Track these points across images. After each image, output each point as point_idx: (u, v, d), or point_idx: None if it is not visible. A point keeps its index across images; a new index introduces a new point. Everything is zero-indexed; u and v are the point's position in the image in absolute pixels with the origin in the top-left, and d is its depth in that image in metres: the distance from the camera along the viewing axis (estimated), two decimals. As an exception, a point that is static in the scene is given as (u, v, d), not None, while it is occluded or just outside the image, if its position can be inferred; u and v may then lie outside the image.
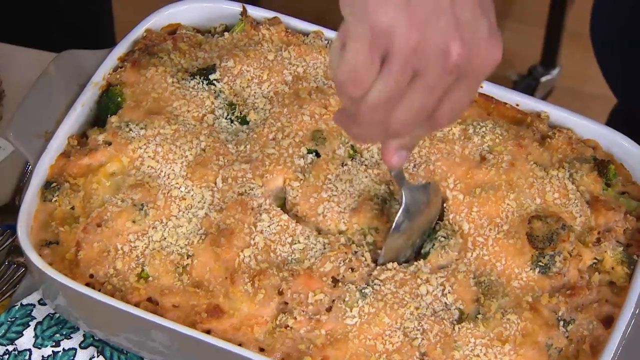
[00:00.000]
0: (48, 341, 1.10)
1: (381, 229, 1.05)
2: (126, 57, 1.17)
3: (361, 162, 1.09)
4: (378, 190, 1.07)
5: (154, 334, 1.02)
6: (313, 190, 1.07)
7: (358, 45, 0.80)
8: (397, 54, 0.80)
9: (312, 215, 1.06)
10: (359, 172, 1.08)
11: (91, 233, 1.05)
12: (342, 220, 1.05)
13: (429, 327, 1.00)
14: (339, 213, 1.06)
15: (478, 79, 0.85)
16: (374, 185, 1.07)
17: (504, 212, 1.07)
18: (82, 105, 1.14)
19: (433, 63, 0.81)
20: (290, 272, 1.03)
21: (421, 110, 0.84)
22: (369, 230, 1.05)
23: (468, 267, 1.04)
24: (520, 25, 2.51)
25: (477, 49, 0.82)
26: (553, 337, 1.01)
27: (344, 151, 1.10)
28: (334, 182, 1.07)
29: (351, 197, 1.06)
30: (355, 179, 1.07)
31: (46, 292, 1.08)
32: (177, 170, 1.09)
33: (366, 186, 1.07)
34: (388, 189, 1.07)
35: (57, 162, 1.11)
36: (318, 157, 1.09)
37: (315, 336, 1.01)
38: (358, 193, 1.07)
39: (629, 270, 1.05)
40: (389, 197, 1.07)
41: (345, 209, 1.06)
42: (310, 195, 1.06)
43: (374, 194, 1.07)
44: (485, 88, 1.17)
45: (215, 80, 1.15)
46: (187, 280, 1.04)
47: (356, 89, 0.82)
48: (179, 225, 1.06)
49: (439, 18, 0.80)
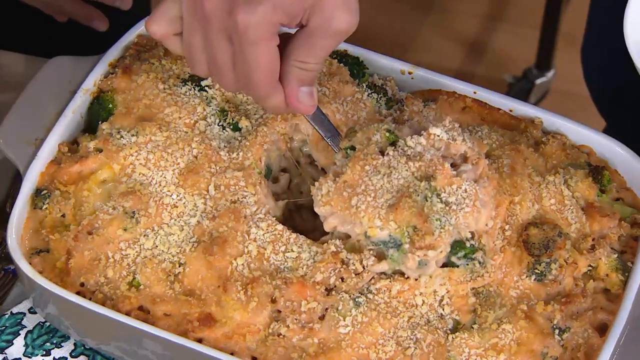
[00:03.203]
0: (38, 350, 1.09)
1: (421, 228, 0.99)
2: (117, 63, 1.16)
3: (403, 152, 1.02)
4: (418, 187, 1.00)
5: (146, 342, 1.01)
6: (348, 185, 1.01)
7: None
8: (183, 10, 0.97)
9: (345, 209, 1.01)
10: (400, 164, 1.01)
11: (82, 241, 1.05)
12: (377, 215, 1.00)
13: (422, 336, 1.00)
14: (374, 208, 1.00)
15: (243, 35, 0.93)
16: (414, 181, 1.01)
17: (510, 217, 1.06)
18: (72, 112, 1.13)
19: (191, 11, 0.95)
20: (283, 280, 1.02)
21: (212, 56, 0.96)
22: (407, 229, 0.99)
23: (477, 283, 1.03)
24: (514, 27, 2.51)
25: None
26: (548, 345, 1.00)
27: (381, 136, 1.04)
28: (371, 175, 1.01)
29: (389, 193, 1.00)
30: (395, 173, 1.01)
31: (37, 301, 1.07)
32: (168, 178, 1.08)
33: (405, 181, 1.01)
34: (429, 184, 1.00)
35: (48, 169, 1.10)
36: (353, 150, 1.04)
37: (308, 345, 1.00)
38: (396, 189, 1.01)
39: (623, 277, 1.05)
40: (430, 193, 1.00)
41: (382, 204, 1.00)
42: (344, 189, 1.01)
43: (413, 189, 1.00)
44: (478, 93, 1.17)
45: (207, 87, 1.14)
46: (179, 289, 1.03)
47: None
48: (171, 233, 1.05)
49: None
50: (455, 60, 2.44)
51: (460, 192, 1.00)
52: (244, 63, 0.94)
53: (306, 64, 0.96)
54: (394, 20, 2.48)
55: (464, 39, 2.48)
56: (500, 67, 2.44)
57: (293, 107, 0.99)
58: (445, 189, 1.00)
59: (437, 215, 0.99)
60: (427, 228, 0.98)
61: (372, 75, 1.18)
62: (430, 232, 0.98)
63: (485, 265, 1.03)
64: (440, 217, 0.99)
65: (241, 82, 0.97)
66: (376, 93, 1.15)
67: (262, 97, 0.97)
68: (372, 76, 1.18)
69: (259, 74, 0.95)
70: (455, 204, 0.99)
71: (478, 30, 2.50)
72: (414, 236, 0.98)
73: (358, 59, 1.19)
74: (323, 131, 1.06)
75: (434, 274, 1.02)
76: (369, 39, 1.24)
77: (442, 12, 2.53)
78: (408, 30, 2.48)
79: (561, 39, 2.34)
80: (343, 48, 1.19)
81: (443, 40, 2.47)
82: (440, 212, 0.99)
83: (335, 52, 1.19)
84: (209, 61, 0.97)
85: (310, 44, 0.95)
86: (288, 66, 0.96)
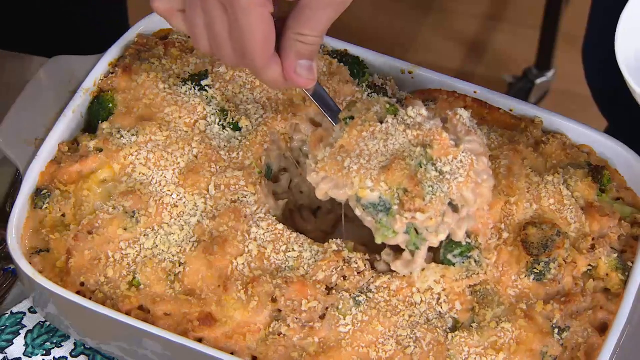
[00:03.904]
0: (39, 350, 1.09)
1: (411, 191, 0.98)
2: (117, 62, 1.16)
3: (403, 121, 1.02)
4: (414, 152, 1.00)
5: (146, 342, 1.01)
6: (344, 150, 1.01)
7: None
8: None
9: (337, 171, 1.00)
10: (398, 131, 1.01)
11: (82, 241, 1.05)
12: (369, 176, 0.99)
13: (422, 335, 1.00)
14: (367, 170, 0.99)
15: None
16: (410, 147, 1.00)
17: (506, 217, 1.06)
18: (72, 112, 1.13)
19: None
20: (284, 280, 1.02)
21: (211, 29, 0.96)
22: (398, 191, 0.99)
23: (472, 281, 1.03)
24: (515, 27, 2.51)
25: None
26: (548, 344, 1.00)
27: (381, 107, 1.03)
28: (367, 140, 1.01)
29: (383, 156, 1.00)
30: (391, 139, 1.01)
31: (37, 301, 1.08)
32: (169, 177, 1.08)
33: (401, 146, 1.00)
34: (425, 151, 1.00)
35: (48, 169, 1.10)
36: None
37: (309, 344, 1.00)
38: (391, 153, 1.00)
39: (623, 277, 1.05)
40: (425, 161, 0.99)
41: (375, 166, 0.99)
42: (339, 154, 1.01)
43: (408, 154, 1.00)
44: (479, 93, 1.17)
45: (207, 86, 1.14)
46: (179, 288, 1.03)
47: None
48: (171, 233, 1.05)
49: None
50: (455, 60, 2.44)
51: (455, 162, 0.99)
52: (238, 31, 0.94)
53: (304, 36, 0.96)
54: (394, 20, 2.48)
55: (464, 38, 2.48)
56: (501, 67, 2.44)
57: (291, 80, 0.98)
58: (441, 158, 0.99)
59: (430, 182, 0.98)
60: (418, 192, 0.97)
61: (372, 75, 1.18)
62: (421, 195, 0.97)
63: (481, 264, 1.03)
64: (433, 184, 0.98)
65: (238, 53, 0.96)
66: (376, 93, 1.15)
67: (259, 68, 0.97)
68: (372, 76, 1.18)
69: (253, 42, 0.94)
70: (449, 174, 0.99)
71: (478, 30, 2.50)
72: (404, 197, 0.97)
73: (358, 59, 1.19)
74: (324, 107, 1.05)
75: (427, 269, 1.02)
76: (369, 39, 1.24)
77: (442, 12, 2.53)
78: (408, 30, 2.48)
79: (561, 39, 2.34)
80: (343, 48, 1.20)
81: (443, 40, 2.47)
82: (433, 180, 0.98)
83: (335, 52, 1.19)
84: (209, 36, 0.97)
85: (307, 16, 0.95)
86: (287, 39, 0.96)
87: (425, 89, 1.18)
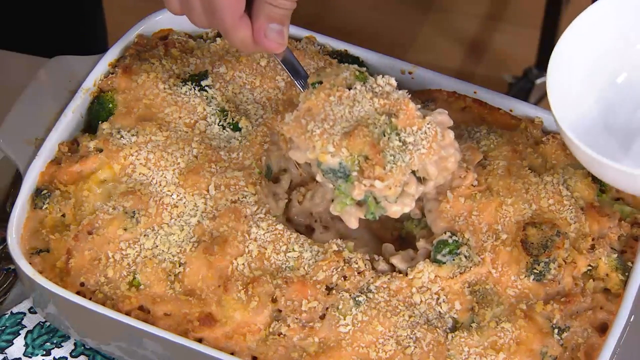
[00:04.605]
0: (39, 350, 1.09)
1: (372, 159, 0.98)
2: (117, 63, 1.17)
3: (371, 88, 1.02)
4: (378, 120, 0.99)
5: (146, 342, 1.01)
6: (309, 114, 1.00)
7: None
8: None
9: (300, 134, 0.99)
10: (365, 98, 1.00)
11: (82, 241, 1.05)
12: (331, 141, 0.98)
13: (421, 335, 1.00)
14: (330, 135, 0.99)
15: None
16: (375, 114, 1.00)
17: (502, 218, 1.06)
18: (73, 112, 1.13)
19: None
20: (284, 280, 1.02)
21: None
22: (358, 157, 0.98)
23: (466, 276, 1.03)
24: (515, 27, 2.51)
25: None
26: (548, 345, 1.00)
27: (350, 74, 1.03)
28: (334, 105, 1.00)
29: (347, 122, 0.99)
30: (357, 106, 1.00)
31: (37, 301, 1.08)
32: (169, 178, 1.08)
33: (366, 113, 1.00)
34: (389, 120, 0.99)
35: (48, 169, 1.10)
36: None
37: (309, 344, 1.00)
38: (356, 119, 1.00)
39: (623, 277, 1.05)
40: (389, 130, 0.99)
41: (338, 131, 0.99)
42: (303, 116, 1.00)
43: (372, 121, 0.99)
44: (479, 93, 1.17)
45: (207, 87, 1.14)
46: (179, 289, 1.03)
47: None
48: (171, 233, 1.05)
49: None
50: (455, 60, 2.44)
51: (419, 133, 0.99)
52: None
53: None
54: (394, 20, 2.48)
55: (464, 38, 2.48)
56: (501, 67, 2.44)
57: (261, 43, 0.98)
58: (405, 128, 0.98)
59: (392, 152, 0.98)
60: (379, 160, 0.97)
61: (372, 75, 1.18)
62: (382, 164, 0.97)
63: (471, 259, 1.03)
64: (395, 153, 0.98)
65: (208, 12, 0.97)
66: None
67: (228, 29, 0.97)
68: (372, 76, 1.18)
69: (222, 1, 0.95)
70: (412, 144, 0.98)
71: (478, 30, 2.50)
72: (364, 164, 0.97)
73: (358, 59, 1.19)
74: (293, 73, 1.05)
75: (421, 265, 1.02)
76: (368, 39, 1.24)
77: (442, 12, 2.53)
78: (408, 30, 2.48)
79: (561, 38, 2.34)
80: (343, 48, 1.20)
81: (443, 40, 2.47)
82: (395, 149, 0.98)
83: (335, 52, 1.19)
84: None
85: None
86: (258, 2, 0.97)
87: (425, 89, 1.18)
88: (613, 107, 1.06)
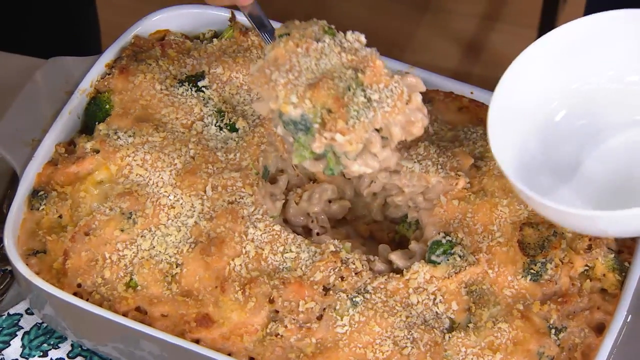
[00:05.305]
0: (35, 351, 1.09)
1: (335, 112, 0.96)
2: (114, 63, 1.16)
3: (340, 43, 1.01)
4: (344, 74, 0.97)
5: (143, 343, 1.01)
6: (274, 64, 0.98)
7: None
8: None
9: (264, 84, 0.97)
10: (332, 52, 0.99)
11: (79, 242, 1.05)
12: (295, 92, 0.96)
13: (418, 335, 1.00)
14: (294, 85, 0.97)
15: None
16: (342, 68, 0.98)
17: (497, 219, 1.06)
18: (69, 113, 1.13)
19: None
20: (281, 280, 1.02)
21: None
22: (321, 110, 0.96)
23: (462, 276, 1.03)
24: (511, 27, 2.51)
25: None
26: (545, 345, 1.00)
27: (319, 28, 1.02)
28: (300, 57, 0.98)
29: (312, 74, 0.98)
30: (324, 59, 0.98)
31: (33, 302, 1.07)
32: (165, 179, 1.08)
33: (333, 66, 0.98)
34: (355, 75, 0.97)
35: (45, 170, 1.10)
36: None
37: (306, 345, 1.00)
38: (322, 72, 0.98)
39: (620, 277, 1.05)
40: (355, 85, 0.97)
41: (302, 83, 0.97)
42: (268, 67, 0.98)
43: (338, 75, 0.97)
44: (475, 94, 1.17)
45: (204, 87, 1.14)
46: (176, 289, 1.03)
47: None
48: (168, 234, 1.05)
49: None
50: (452, 60, 2.44)
51: (385, 91, 0.97)
52: None
53: None
54: (391, 21, 2.48)
55: (461, 39, 2.48)
56: (497, 67, 2.43)
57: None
58: (371, 85, 0.97)
59: (356, 107, 0.96)
60: (342, 114, 0.96)
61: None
62: (345, 118, 0.95)
63: (466, 258, 1.03)
64: (359, 109, 0.96)
65: None
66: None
67: None
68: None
69: None
70: (377, 102, 0.97)
71: (475, 30, 2.50)
72: (326, 117, 0.96)
73: (355, 60, 1.18)
74: (259, 27, 1.04)
75: (416, 266, 1.02)
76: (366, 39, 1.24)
77: (439, 12, 2.53)
78: (405, 30, 2.48)
79: (558, 38, 2.34)
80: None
81: (440, 40, 2.47)
82: (360, 105, 0.96)
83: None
84: None
85: None
86: None
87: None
88: (555, 147, 1.06)
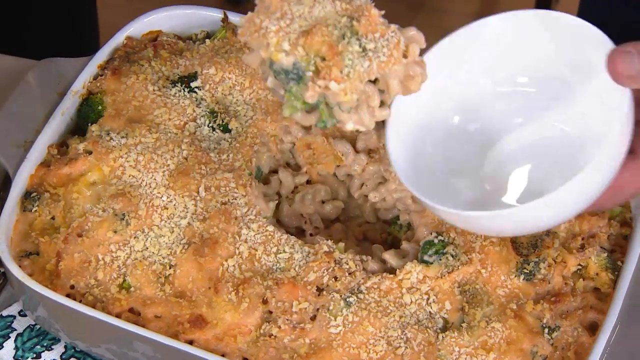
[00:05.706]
0: (29, 353, 1.09)
1: (329, 60, 0.92)
2: (106, 65, 1.16)
3: None
4: (339, 22, 0.94)
5: (136, 345, 1.01)
6: (265, 13, 0.94)
7: None
8: None
9: (254, 32, 0.93)
10: (326, 0, 0.95)
11: (72, 243, 1.05)
12: (287, 39, 0.93)
13: (412, 335, 1.00)
14: (286, 33, 0.93)
15: None
16: (336, 16, 0.94)
17: None
18: (62, 114, 1.13)
19: None
20: (274, 281, 1.02)
21: None
22: (315, 58, 0.92)
23: (455, 276, 1.04)
24: (505, 26, 2.51)
25: None
26: (538, 344, 1.00)
27: None
28: (293, 4, 0.94)
29: (305, 21, 0.94)
30: (318, 6, 0.95)
31: (26, 304, 1.07)
32: (158, 180, 1.08)
33: (327, 14, 0.94)
34: (350, 23, 0.94)
35: (37, 172, 1.10)
36: None
37: (299, 345, 1.00)
38: (315, 19, 0.94)
39: (613, 276, 1.05)
40: (350, 33, 0.93)
41: (295, 30, 0.93)
42: (258, 16, 0.94)
43: (332, 23, 0.94)
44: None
45: (196, 88, 1.14)
46: (170, 291, 1.03)
47: None
48: (161, 235, 1.05)
49: None
50: (446, 59, 2.44)
51: (381, 41, 0.94)
52: None
53: None
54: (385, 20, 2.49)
55: (454, 38, 2.48)
56: (491, 66, 2.44)
57: None
58: (367, 35, 0.94)
59: (351, 56, 0.93)
60: (337, 61, 0.92)
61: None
62: (339, 66, 0.92)
63: (459, 258, 1.03)
64: (353, 57, 0.93)
65: None
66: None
67: None
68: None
69: None
70: (372, 52, 0.93)
71: (469, 29, 2.50)
72: (320, 64, 0.92)
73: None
74: None
75: (408, 265, 1.02)
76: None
77: (433, 12, 2.53)
78: (399, 29, 2.48)
79: (552, 37, 2.34)
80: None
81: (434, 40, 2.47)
82: (355, 54, 0.93)
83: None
84: None
85: None
86: None
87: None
88: (455, 152, 1.05)
